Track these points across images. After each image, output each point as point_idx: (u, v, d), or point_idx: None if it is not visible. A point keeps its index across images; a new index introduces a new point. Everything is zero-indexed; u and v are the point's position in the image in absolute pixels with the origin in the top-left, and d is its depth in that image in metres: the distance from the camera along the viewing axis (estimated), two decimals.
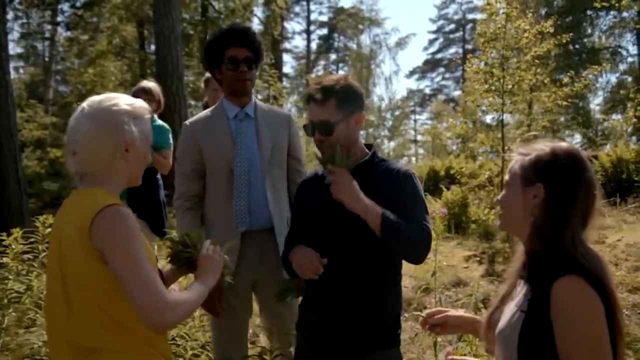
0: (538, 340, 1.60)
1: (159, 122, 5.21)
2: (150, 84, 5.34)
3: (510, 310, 1.72)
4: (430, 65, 50.91)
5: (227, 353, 3.03)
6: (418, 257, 2.34)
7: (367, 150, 2.50)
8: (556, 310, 1.58)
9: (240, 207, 2.95)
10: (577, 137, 26.85)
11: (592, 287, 1.56)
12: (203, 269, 2.08)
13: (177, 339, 3.93)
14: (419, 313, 2.06)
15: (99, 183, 1.95)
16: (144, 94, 5.11)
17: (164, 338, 2.01)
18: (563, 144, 1.75)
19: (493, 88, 8.71)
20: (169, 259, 2.20)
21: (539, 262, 1.69)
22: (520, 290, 1.73)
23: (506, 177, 1.85)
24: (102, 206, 1.82)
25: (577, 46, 23.86)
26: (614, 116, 23.29)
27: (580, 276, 1.57)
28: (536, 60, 8.82)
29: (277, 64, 27.41)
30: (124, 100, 1.99)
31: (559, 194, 1.68)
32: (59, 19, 25.40)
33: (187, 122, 3.14)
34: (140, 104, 2.04)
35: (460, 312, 2.12)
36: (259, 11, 27.62)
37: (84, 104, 1.98)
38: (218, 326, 3.07)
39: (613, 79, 27.14)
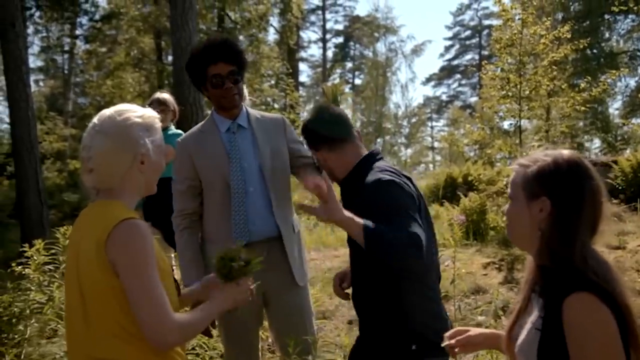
0: (555, 358, 1.58)
1: (175, 130, 5.26)
2: (164, 95, 5.40)
3: (527, 327, 1.70)
4: (447, 72, 50.83)
5: None
6: (408, 260, 2.10)
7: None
8: (568, 330, 1.55)
9: (239, 220, 2.91)
10: (597, 142, 26.67)
11: (604, 303, 1.53)
12: (221, 294, 2.06)
13: (196, 348, 3.95)
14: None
15: (115, 196, 1.96)
16: (160, 105, 5.17)
17: (180, 349, 2.02)
18: (565, 152, 1.70)
19: (510, 94, 8.67)
20: (219, 273, 2.11)
21: (550, 278, 1.65)
22: (535, 304, 1.71)
23: (508, 190, 1.80)
24: (119, 220, 1.84)
25: (595, 51, 23.68)
26: (633, 120, 23.07)
27: (590, 293, 1.54)
28: (553, 66, 8.77)
29: (294, 73, 27.49)
30: (134, 113, 1.99)
31: (565, 206, 1.64)
32: (78, 32, 25.76)
33: (178, 139, 3.10)
34: (149, 114, 2.04)
35: (480, 330, 2.04)
36: (274, 21, 27.80)
37: (95, 119, 1.99)
38: (229, 339, 3.06)
39: (632, 83, 26.91)
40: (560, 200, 1.65)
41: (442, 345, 1.90)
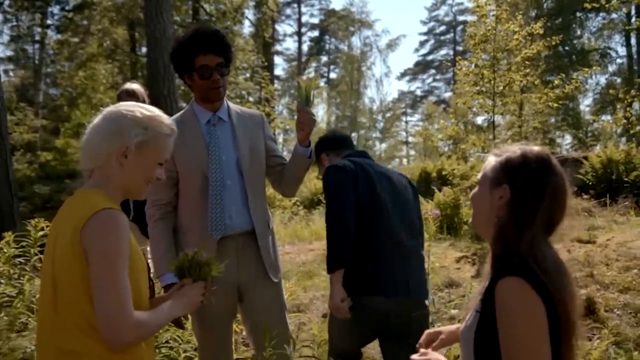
0: (490, 340, 1.61)
1: None
2: (134, 85, 5.24)
3: (470, 312, 1.74)
4: (421, 67, 51.05)
5: (214, 358, 3.01)
6: None
7: None
8: (498, 310, 1.58)
9: (215, 213, 2.89)
10: (568, 138, 27.08)
11: (534, 289, 1.56)
12: (180, 298, 2.04)
13: (170, 341, 3.93)
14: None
15: (98, 185, 1.95)
16: (128, 96, 5.00)
17: (148, 345, 2.00)
18: (535, 148, 1.75)
19: (484, 90, 8.76)
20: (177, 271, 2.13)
21: (497, 264, 1.69)
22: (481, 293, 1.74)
23: (478, 176, 1.85)
24: (98, 209, 1.82)
25: (567, 48, 24.06)
26: (603, 117, 23.49)
27: (520, 277, 1.57)
28: (526, 62, 8.87)
29: (269, 66, 27.43)
30: (142, 110, 1.98)
31: (523, 196, 1.67)
32: (49, 21, 25.33)
33: None
34: (163, 119, 2.02)
35: (450, 328, 2.09)
36: (250, 13, 27.65)
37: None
38: (202, 332, 3.04)
39: (602, 80, 27.45)
40: (520, 190, 1.68)
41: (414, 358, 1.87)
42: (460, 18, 45.08)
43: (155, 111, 2.03)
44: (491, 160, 1.78)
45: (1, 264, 4.95)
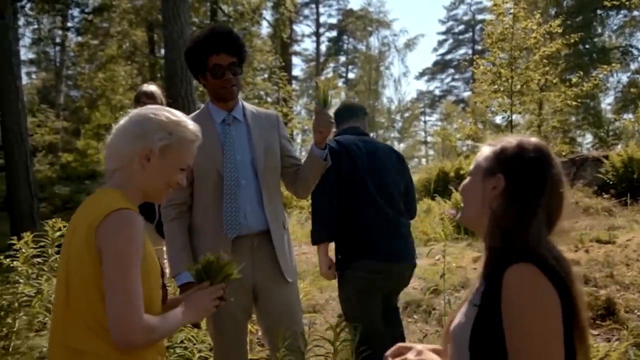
0: (490, 334, 1.49)
1: None
2: (152, 87, 5.27)
3: (463, 309, 1.64)
4: (440, 66, 50.85)
5: (228, 358, 3.01)
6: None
7: None
8: (506, 299, 1.46)
9: (230, 212, 2.89)
10: (589, 137, 26.76)
11: (546, 276, 1.45)
12: (193, 305, 2.02)
13: (185, 341, 3.94)
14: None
15: (119, 185, 1.96)
16: (147, 97, 5.05)
17: (159, 347, 1.99)
18: (532, 139, 1.67)
19: (501, 89, 8.69)
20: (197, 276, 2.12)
21: (496, 255, 1.58)
22: (478, 287, 1.62)
23: (471, 166, 1.77)
24: (114, 208, 1.82)
25: (587, 46, 23.76)
26: (625, 116, 23.17)
27: (533, 265, 1.47)
28: (544, 60, 8.78)
29: (287, 67, 27.45)
30: (168, 114, 1.99)
31: (520, 187, 1.59)
32: (70, 24, 25.61)
33: None
34: (188, 125, 2.02)
35: (429, 346, 1.79)
36: (268, 14, 27.69)
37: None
38: (217, 332, 3.03)
39: (624, 78, 27.07)
40: (516, 180, 1.60)
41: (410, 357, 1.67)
42: (479, 17, 44.81)
43: (181, 116, 2.03)
44: (485, 150, 1.71)
45: (20, 263, 4.99)
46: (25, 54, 28.76)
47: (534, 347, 1.42)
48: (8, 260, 4.92)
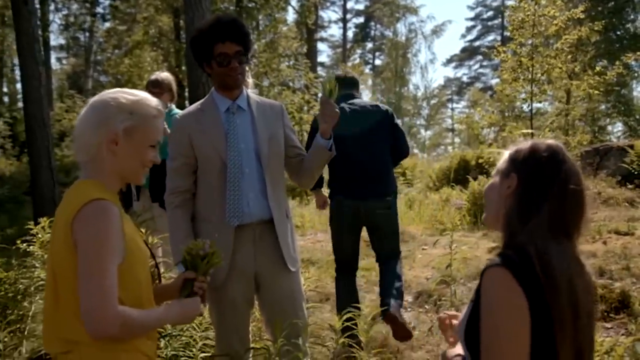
0: (477, 331, 1.60)
1: (176, 111, 5.24)
2: (162, 75, 5.32)
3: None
4: (468, 53, 50.24)
5: (230, 346, 3.02)
6: None
7: None
8: (482, 299, 1.59)
9: (233, 200, 2.90)
10: (618, 126, 26.20)
11: (516, 280, 1.54)
12: (177, 307, 2.02)
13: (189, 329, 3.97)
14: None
15: (93, 175, 1.96)
16: (153, 86, 5.11)
17: (148, 335, 2.00)
18: (547, 141, 1.75)
19: (522, 77, 8.54)
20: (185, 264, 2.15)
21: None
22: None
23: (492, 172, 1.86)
24: (89, 199, 1.83)
25: (618, 32, 23.19)
26: None
27: (504, 268, 1.57)
28: (566, 48, 8.60)
29: (312, 53, 27.38)
30: (126, 95, 1.98)
31: (530, 185, 1.67)
32: (97, 10, 25.87)
33: (176, 115, 3.10)
34: (147, 101, 2.01)
35: None
36: (293, 0, 27.59)
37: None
38: (219, 320, 3.05)
39: None
40: (527, 179, 1.68)
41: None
42: (509, 2, 44.09)
43: (139, 94, 2.02)
44: (505, 154, 1.80)
45: (37, 248, 5.07)
46: (55, 40, 29.20)
47: (500, 343, 1.54)
48: (25, 244, 5.00)
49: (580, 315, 1.59)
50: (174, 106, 5.44)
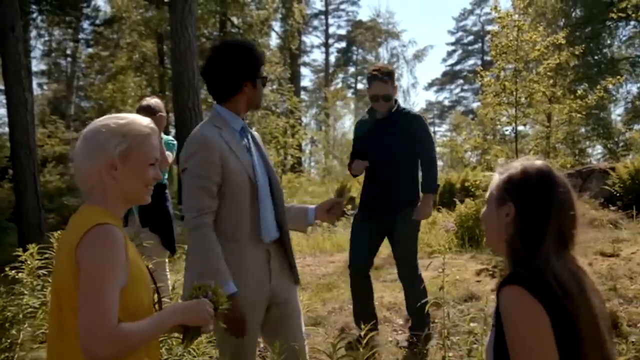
0: (506, 351, 1.62)
1: (164, 137, 5.24)
2: (151, 101, 5.32)
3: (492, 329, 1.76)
4: (449, 77, 50.81)
5: None
6: None
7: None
8: (502, 318, 1.62)
9: (265, 218, 2.92)
10: (598, 148, 26.59)
11: (534, 296, 1.58)
12: (186, 306, 1.99)
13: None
14: None
15: (97, 201, 1.97)
16: (144, 112, 5.08)
17: (153, 346, 2.00)
18: (536, 163, 1.77)
19: (505, 101, 8.68)
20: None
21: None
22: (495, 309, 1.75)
23: (486, 195, 1.88)
24: (93, 224, 1.84)
25: (596, 57, 23.65)
26: (635, 127, 23.05)
27: (520, 286, 1.60)
28: (550, 73, 8.77)
29: (296, 78, 27.58)
30: (115, 120, 1.99)
31: (529, 213, 1.69)
32: (80, 36, 25.84)
33: (200, 134, 2.92)
34: (138, 122, 2.02)
35: None
36: (277, 26, 27.87)
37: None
38: (225, 342, 2.91)
39: (634, 89, 26.88)
40: (524, 207, 1.70)
41: None
42: (489, 27, 44.70)
43: (129, 116, 2.03)
44: (495, 178, 1.81)
45: (25, 275, 5.02)
46: (37, 66, 29.06)
47: (528, 358, 1.57)
48: (13, 272, 4.96)
49: (601, 325, 1.64)
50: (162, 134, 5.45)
